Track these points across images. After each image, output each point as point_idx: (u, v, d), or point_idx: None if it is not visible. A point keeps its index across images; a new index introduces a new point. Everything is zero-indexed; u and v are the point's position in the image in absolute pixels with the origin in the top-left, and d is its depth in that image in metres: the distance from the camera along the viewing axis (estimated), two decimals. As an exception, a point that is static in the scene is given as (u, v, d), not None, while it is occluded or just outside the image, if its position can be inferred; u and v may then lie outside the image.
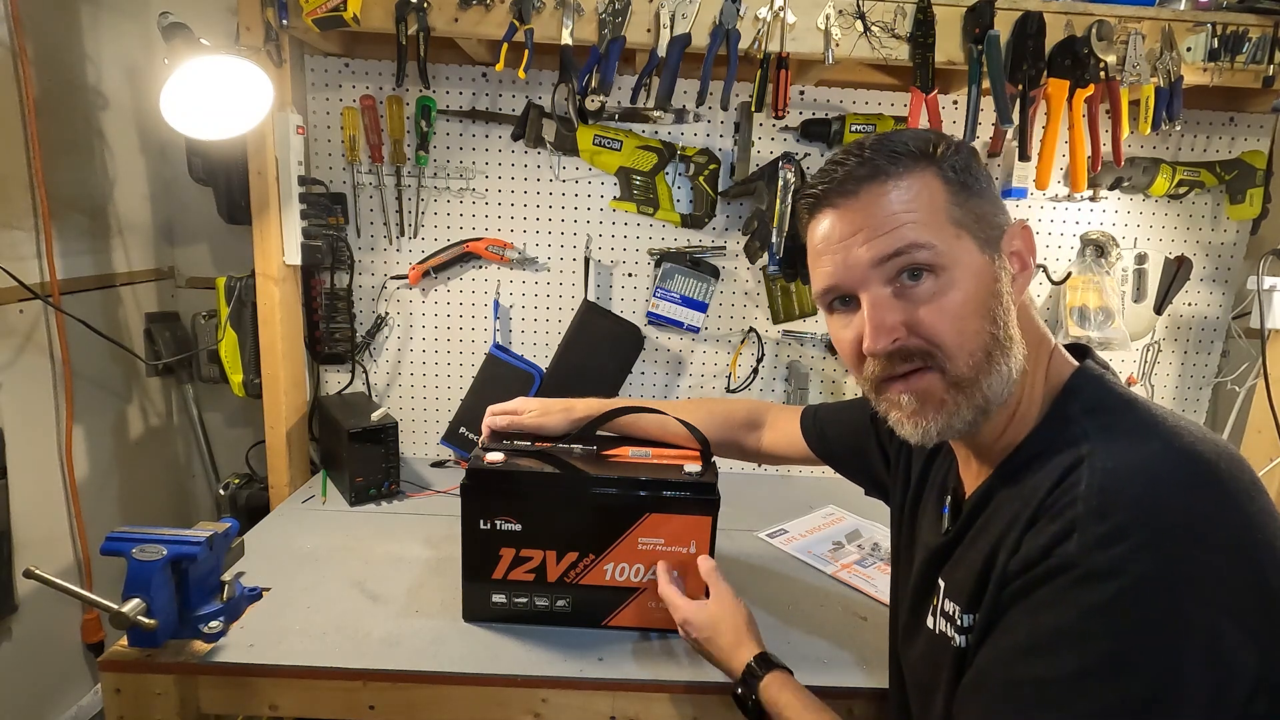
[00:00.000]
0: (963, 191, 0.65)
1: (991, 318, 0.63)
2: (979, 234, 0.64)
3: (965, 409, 0.64)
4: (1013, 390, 0.65)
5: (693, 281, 1.60)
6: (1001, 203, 0.68)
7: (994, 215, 0.66)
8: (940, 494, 0.79)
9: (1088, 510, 0.56)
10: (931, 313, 0.63)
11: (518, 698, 0.95)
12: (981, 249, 0.64)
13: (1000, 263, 0.65)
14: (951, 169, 0.65)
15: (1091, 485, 0.57)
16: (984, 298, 0.63)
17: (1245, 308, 1.65)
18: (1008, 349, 0.64)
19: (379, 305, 1.65)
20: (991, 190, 0.67)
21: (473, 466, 1.00)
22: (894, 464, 0.93)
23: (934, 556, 0.74)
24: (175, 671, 0.92)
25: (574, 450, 1.07)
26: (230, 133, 1.29)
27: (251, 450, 1.73)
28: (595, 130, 1.53)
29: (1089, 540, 0.55)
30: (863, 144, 0.67)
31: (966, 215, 0.64)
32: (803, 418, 1.10)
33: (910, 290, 0.64)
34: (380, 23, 1.29)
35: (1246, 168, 1.57)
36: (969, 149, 0.67)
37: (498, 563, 1.01)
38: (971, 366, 0.63)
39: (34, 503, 1.39)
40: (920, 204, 0.64)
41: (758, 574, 1.23)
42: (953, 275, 0.63)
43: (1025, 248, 0.67)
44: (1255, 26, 1.34)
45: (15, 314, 1.34)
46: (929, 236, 0.63)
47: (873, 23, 1.31)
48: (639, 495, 0.99)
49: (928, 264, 0.63)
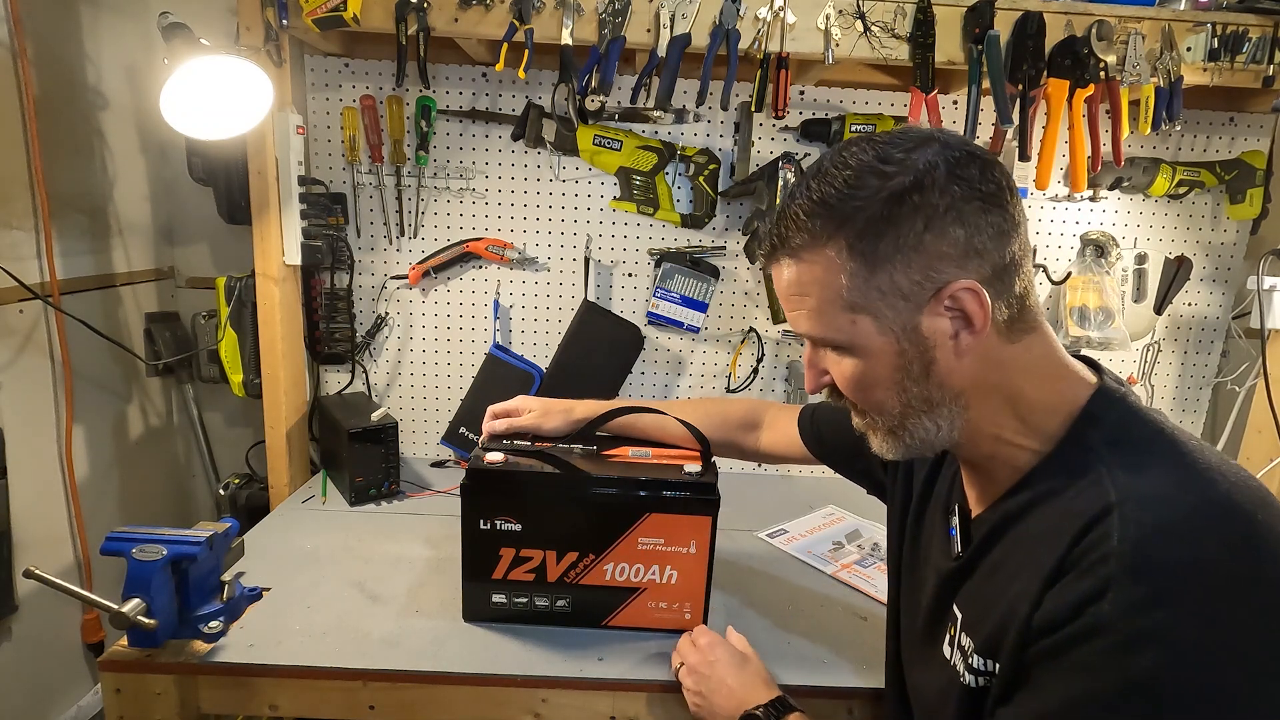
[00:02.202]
0: (869, 266, 0.61)
1: (897, 389, 0.64)
2: (884, 311, 0.62)
3: (897, 446, 0.68)
4: (955, 436, 0.66)
5: (693, 281, 1.60)
6: (945, 255, 0.60)
7: (918, 280, 0.60)
8: (945, 511, 0.78)
9: (1122, 569, 0.53)
10: (838, 377, 0.68)
11: (518, 698, 0.95)
12: (883, 329, 0.62)
13: (918, 334, 0.62)
14: (863, 237, 0.60)
15: (1125, 540, 0.54)
16: (883, 374, 0.64)
17: (1245, 308, 1.65)
18: (927, 412, 0.65)
19: (379, 305, 1.65)
20: (929, 244, 0.60)
21: (473, 466, 1.00)
22: (891, 469, 0.93)
23: (947, 582, 0.73)
24: (175, 671, 0.92)
25: (574, 450, 1.07)
26: (230, 133, 1.29)
27: (251, 450, 1.73)
28: (595, 130, 1.53)
29: (1125, 603, 0.52)
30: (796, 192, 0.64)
31: (869, 293, 0.61)
32: (800, 418, 1.10)
33: (827, 353, 0.68)
34: (380, 23, 1.29)
35: (1246, 168, 1.57)
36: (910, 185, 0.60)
37: (498, 563, 1.01)
38: (886, 422, 0.67)
39: (34, 503, 1.39)
40: (815, 289, 0.64)
41: (758, 574, 1.23)
42: (851, 353, 0.65)
43: (971, 309, 0.60)
44: (1255, 26, 1.34)
45: (15, 314, 1.34)
46: (820, 329, 0.65)
47: (873, 23, 1.31)
48: (639, 495, 0.99)
49: (826, 345, 0.67)
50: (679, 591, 1.02)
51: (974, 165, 0.60)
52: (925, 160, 0.60)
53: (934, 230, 0.60)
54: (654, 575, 1.01)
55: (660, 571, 1.01)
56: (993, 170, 0.61)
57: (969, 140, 0.64)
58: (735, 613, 1.09)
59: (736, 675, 0.89)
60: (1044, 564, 0.58)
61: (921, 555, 0.81)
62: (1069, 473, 0.61)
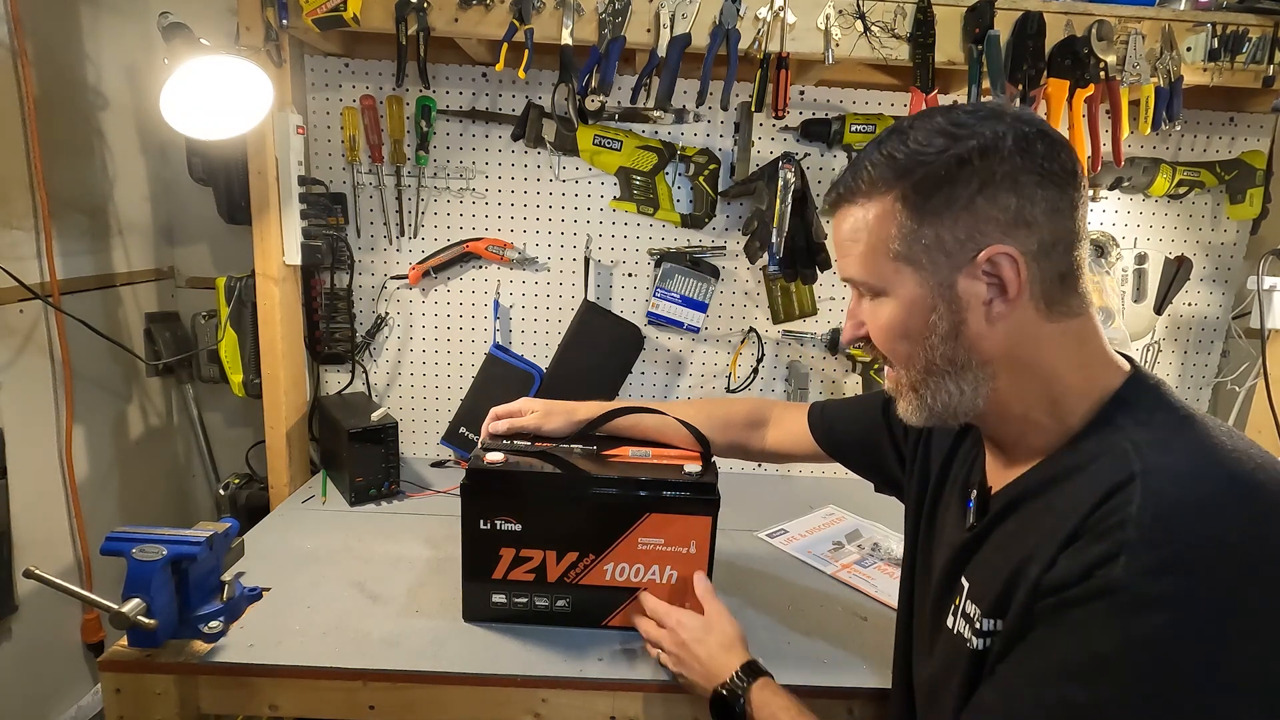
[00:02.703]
0: (918, 218, 0.63)
1: (925, 345, 0.65)
2: (925, 265, 0.64)
3: (921, 408, 0.69)
4: (980, 405, 0.66)
5: (693, 281, 1.60)
6: (994, 219, 0.61)
7: (962, 239, 0.62)
8: (964, 490, 0.78)
9: (1139, 535, 0.53)
10: (872, 327, 0.70)
11: (518, 698, 0.95)
12: (922, 282, 0.64)
13: (953, 292, 0.63)
14: (919, 190, 0.63)
15: (1145, 509, 0.54)
16: (914, 326, 0.65)
17: (1245, 308, 1.66)
18: (951, 374, 0.66)
19: (379, 305, 1.65)
20: (980, 207, 0.61)
21: (472, 466, 1.00)
22: (909, 460, 0.92)
23: (958, 554, 0.73)
24: (175, 671, 0.92)
25: (574, 450, 1.07)
26: (230, 133, 1.28)
27: (251, 450, 1.73)
28: (595, 130, 1.53)
29: (1139, 567, 0.52)
30: (870, 147, 0.67)
31: (914, 246, 0.64)
32: (810, 414, 1.09)
33: (866, 302, 0.70)
34: (380, 23, 1.29)
35: (1246, 168, 1.57)
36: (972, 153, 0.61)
37: (498, 563, 1.01)
38: (910, 377, 0.68)
39: (34, 503, 1.39)
40: (866, 235, 0.66)
41: (758, 574, 1.23)
42: (887, 301, 0.67)
43: (1007, 275, 0.61)
44: (1255, 26, 1.34)
45: (15, 314, 1.34)
46: (863, 273, 0.68)
47: (873, 23, 1.31)
48: (639, 495, 0.98)
49: (868, 290, 0.69)
50: (679, 592, 1.02)
51: (1042, 143, 0.62)
52: (995, 130, 0.62)
53: (987, 194, 0.61)
54: (654, 575, 1.01)
55: (660, 572, 1.01)
56: (1061, 151, 0.62)
57: (1044, 121, 0.64)
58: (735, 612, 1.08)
59: (704, 647, 0.89)
60: (1061, 529, 0.58)
61: (936, 537, 0.81)
62: (1095, 451, 0.61)
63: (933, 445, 0.87)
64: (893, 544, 1.33)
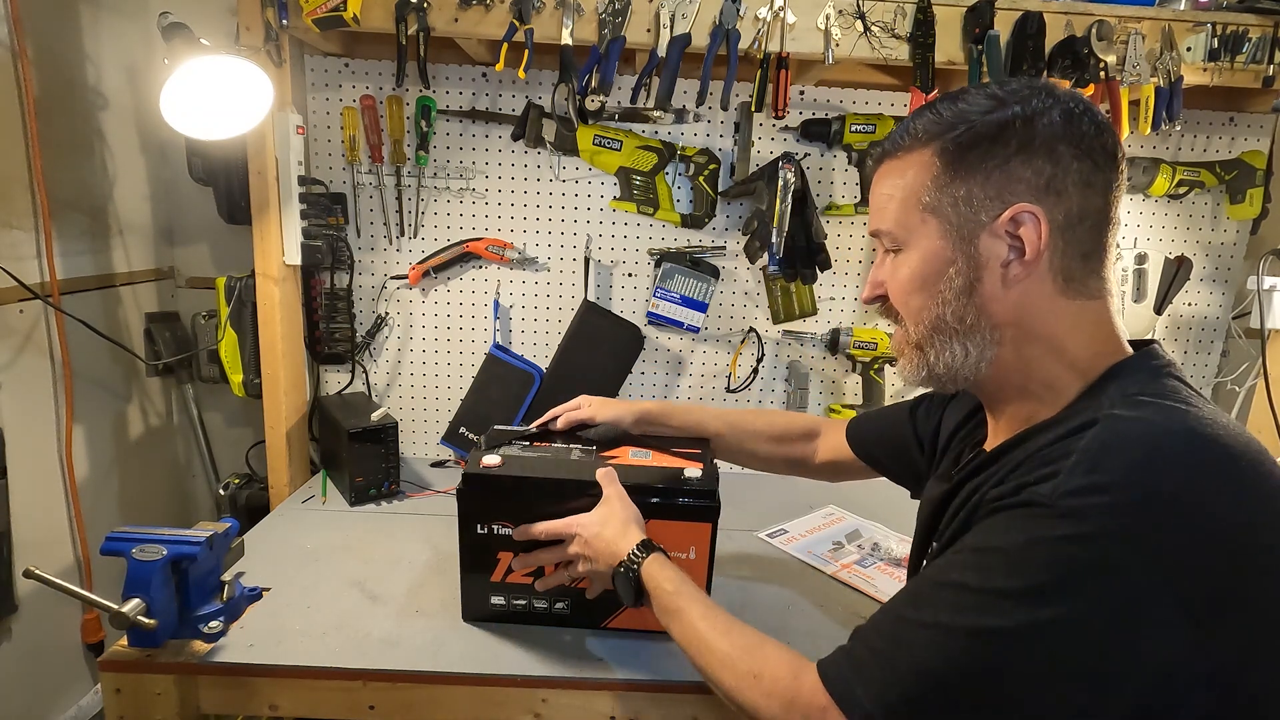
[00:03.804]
0: (952, 171, 0.65)
1: (938, 299, 0.67)
2: (951, 218, 0.65)
3: (920, 368, 0.70)
4: (982, 370, 0.68)
5: (693, 281, 1.60)
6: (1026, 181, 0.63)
7: (991, 196, 0.63)
8: (957, 459, 0.81)
9: (1080, 461, 0.55)
10: (891, 283, 0.71)
11: (518, 698, 0.95)
12: (945, 234, 0.66)
13: (973, 248, 0.65)
14: (959, 145, 0.64)
15: (1093, 441, 0.56)
16: (931, 279, 0.67)
17: (1245, 308, 1.66)
18: (959, 333, 0.67)
19: (379, 305, 1.65)
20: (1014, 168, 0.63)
21: (469, 471, 0.98)
22: (926, 448, 0.94)
23: (936, 507, 0.75)
24: (175, 671, 0.92)
25: (572, 451, 1.06)
26: (230, 133, 1.29)
27: (251, 450, 1.73)
28: (595, 130, 1.53)
29: (1066, 486, 0.54)
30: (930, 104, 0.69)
31: (943, 198, 0.65)
32: (848, 426, 1.11)
33: (890, 259, 0.71)
34: (380, 23, 1.29)
35: (1246, 168, 1.57)
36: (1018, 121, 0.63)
37: (495, 565, 1.01)
38: (918, 334, 0.69)
39: (34, 503, 1.39)
40: (900, 187, 0.68)
41: (758, 574, 1.23)
42: (907, 255, 0.69)
43: (1028, 236, 0.62)
44: (1255, 26, 1.34)
45: (15, 314, 1.34)
46: (890, 224, 0.69)
47: (873, 23, 1.31)
48: (637, 501, 0.96)
49: (890, 243, 0.71)
50: None
51: (1088, 121, 0.63)
52: (1044, 102, 0.63)
53: (1023, 157, 0.63)
54: None
55: None
56: (1104, 133, 0.63)
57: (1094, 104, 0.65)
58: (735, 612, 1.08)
59: (602, 540, 0.89)
60: (1016, 460, 0.63)
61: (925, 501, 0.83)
62: (1075, 412, 0.63)
63: (941, 428, 0.90)
64: (893, 544, 1.33)
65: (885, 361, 1.64)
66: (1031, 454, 0.61)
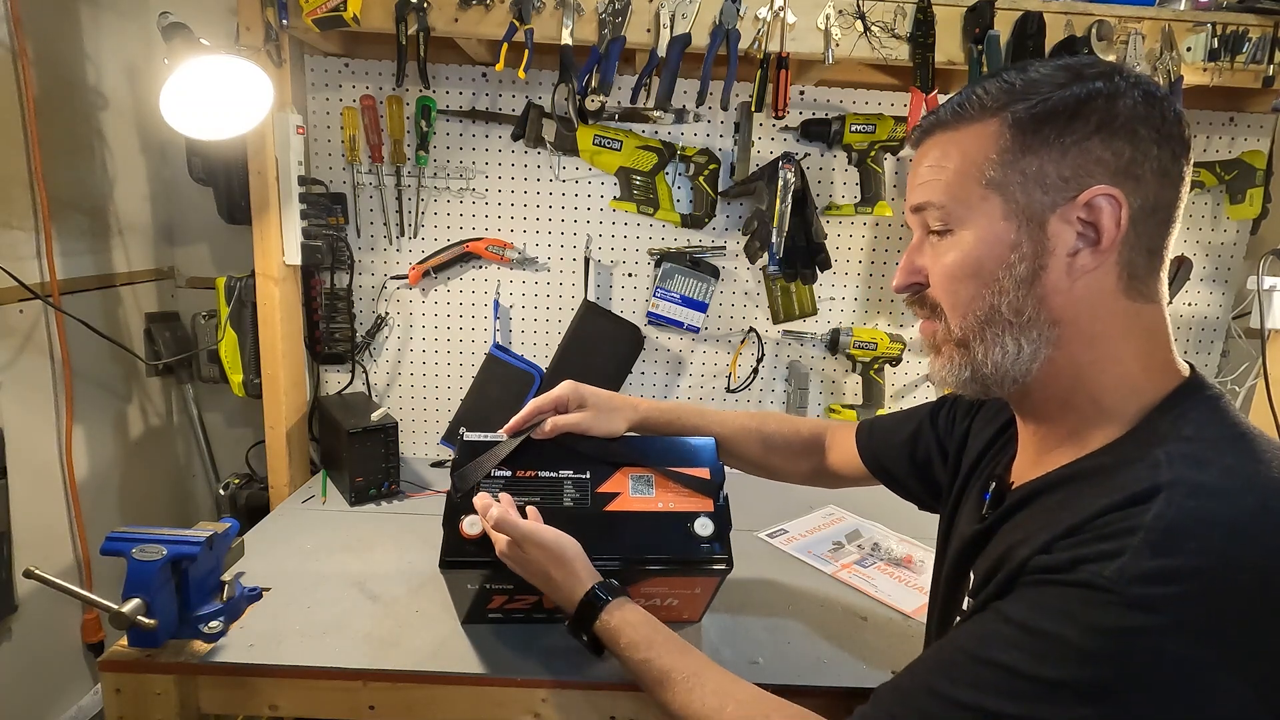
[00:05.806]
0: (1022, 145, 0.58)
1: (994, 287, 0.60)
2: (1018, 197, 0.59)
3: (962, 368, 0.63)
4: (1032, 373, 0.61)
5: (693, 281, 1.60)
6: (1104, 162, 0.57)
7: (1067, 176, 0.57)
8: (987, 481, 0.74)
9: (1147, 542, 0.49)
10: (935, 268, 0.64)
11: (518, 698, 0.95)
12: (1009, 215, 0.59)
13: (1042, 232, 0.58)
14: (1029, 115, 0.58)
15: (1160, 518, 0.49)
16: (988, 264, 0.60)
17: (1245, 308, 1.65)
18: (1014, 327, 0.60)
19: (379, 305, 1.65)
20: (1093, 147, 0.57)
21: (449, 540, 0.91)
22: (950, 457, 0.87)
23: (967, 547, 0.68)
24: (175, 671, 0.92)
25: (565, 484, 0.96)
26: (230, 133, 1.29)
27: (251, 450, 1.73)
28: (595, 130, 1.53)
29: (1134, 571, 0.48)
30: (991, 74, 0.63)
31: (1010, 173, 0.59)
32: (857, 430, 1.04)
33: (932, 242, 0.64)
34: (380, 23, 1.29)
35: (1246, 168, 1.57)
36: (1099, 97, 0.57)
37: (490, 601, 0.98)
38: (963, 328, 0.62)
39: (34, 503, 1.39)
40: (957, 159, 0.61)
41: (758, 574, 1.23)
42: (959, 236, 0.61)
43: (1105, 223, 0.57)
44: (1255, 26, 1.34)
45: (15, 314, 1.34)
46: (942, 197, 0.62)
47: (873, 23, 1.31)
48: (642, 570, 0.93)
49: (938, 222, 0.63)
50: (679, 609, 1.02)
51: (1166, 107, 0.58)
52: (1125, 80, 0.58)
53: (1103, 135, 0.57)
54: (654, 604, 0.99)
55: (661, 600, 0.99)
56: (1183, 124, 0.59)
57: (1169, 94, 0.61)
58: (735, 612, 1.09)
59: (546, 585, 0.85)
60: (1065, 523, 0.54)
61: (953, 531, 0.78)
62: (1128, 456, 0.56)
63: (970, 441, 0.83)
64: (893, 544, 1.33)
65: (885, 361, 1.64)
66: (1079, 510, 0.54)
